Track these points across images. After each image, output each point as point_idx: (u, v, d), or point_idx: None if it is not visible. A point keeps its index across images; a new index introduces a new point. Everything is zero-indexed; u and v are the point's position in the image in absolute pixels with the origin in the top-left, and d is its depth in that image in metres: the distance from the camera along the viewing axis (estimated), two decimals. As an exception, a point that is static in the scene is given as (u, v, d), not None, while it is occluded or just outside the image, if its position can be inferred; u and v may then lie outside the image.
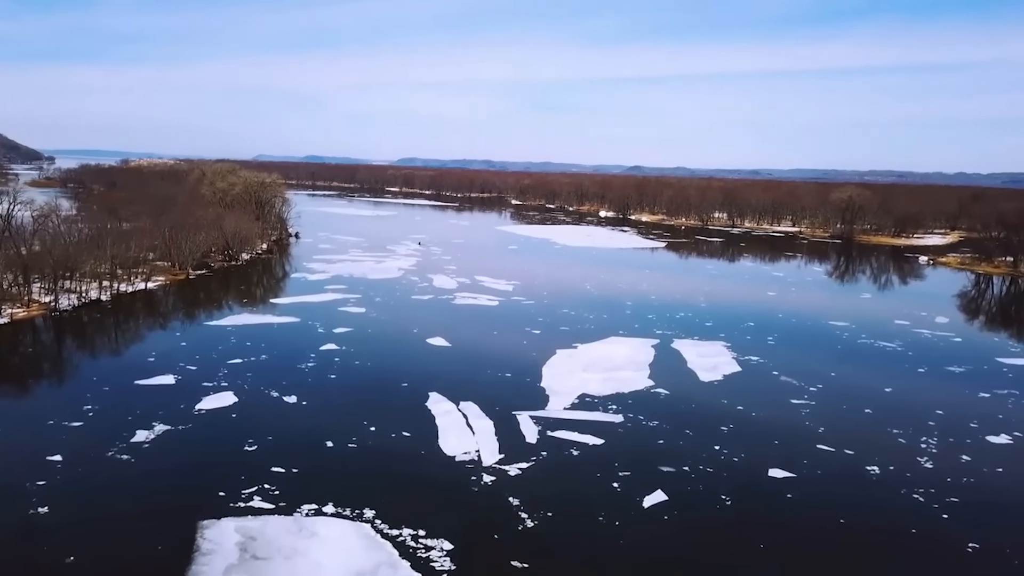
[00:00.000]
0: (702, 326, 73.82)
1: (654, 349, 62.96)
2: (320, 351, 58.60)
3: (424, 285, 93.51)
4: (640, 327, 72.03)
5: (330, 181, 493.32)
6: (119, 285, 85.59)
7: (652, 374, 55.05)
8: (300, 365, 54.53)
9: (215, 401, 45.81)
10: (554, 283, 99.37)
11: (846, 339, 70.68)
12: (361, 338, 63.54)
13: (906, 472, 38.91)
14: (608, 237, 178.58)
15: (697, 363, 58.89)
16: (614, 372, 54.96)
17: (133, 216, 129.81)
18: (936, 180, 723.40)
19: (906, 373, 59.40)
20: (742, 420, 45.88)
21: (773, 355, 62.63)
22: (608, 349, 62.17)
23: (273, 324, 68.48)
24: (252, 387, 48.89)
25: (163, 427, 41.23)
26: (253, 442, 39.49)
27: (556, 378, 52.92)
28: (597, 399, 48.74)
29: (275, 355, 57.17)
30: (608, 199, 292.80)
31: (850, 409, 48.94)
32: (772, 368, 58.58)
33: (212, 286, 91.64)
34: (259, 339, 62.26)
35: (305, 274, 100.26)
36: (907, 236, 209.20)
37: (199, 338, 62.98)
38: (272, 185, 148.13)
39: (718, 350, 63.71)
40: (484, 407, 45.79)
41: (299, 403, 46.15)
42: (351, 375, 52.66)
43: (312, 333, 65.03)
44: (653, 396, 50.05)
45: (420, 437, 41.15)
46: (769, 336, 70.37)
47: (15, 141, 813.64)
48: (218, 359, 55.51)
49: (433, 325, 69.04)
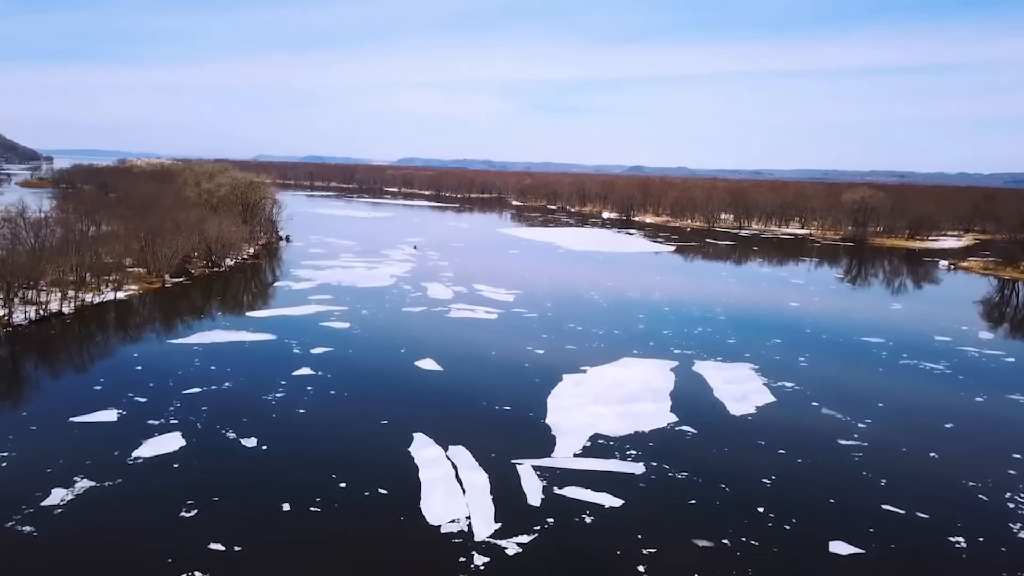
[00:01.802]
0: (724, 343, 66.31)
1: (673, 373, 55.45)
2: (292, 378, 51.14)
3: (417, 295, 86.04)
4: (655, 345, 64.56)
5: (328, 181, 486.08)
6: (85, 295, 78.38)
7: (674, 406, 47.55)
8: (267, 396, 47.08)
9: (157, 446, 38.38)
10: (558, 292, 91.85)
11: (886, 360, 63.14)
12: (341, 361, 56.09)
13: (1000, 546, 31.39)
14: (614, 240, 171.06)
15: (724, 391, 51.40)
16: (630, 404, 47.47)
17: (114, 219, 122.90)
18: (938, 180, 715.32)
19: (964, 404, 51.86)
20: (787, 470, 38.37)
21: (808, 380, 55.12)
22: (621, 374, 54.68)
23: (245, 343, 61.05)
24: (206, 426, 41.47)
25: (86, 484, 33.81)
26: (192, 505, 32.05)
27: (563, 412, 45.44)
28: (612, 441, 41.25)
29: (240, 383, 49.73)
30: (611, 200, 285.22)
31: (911, 453, 41.43)
32: (810, 397, 51.06)
33: (187, 296, 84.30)
34: (226, 361, 54.86)
35: (290, 282, 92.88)
36: (921, 239, 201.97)
37: (158, 360, 55.57)
38: (260, 186, 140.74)
39: (745, 374, 56.23)
40: (478, 453, 38.34)
41: (258, 448, 38.70)
42: (324, 409, 45.18)
43: (286, 354, 57.60)
44: (678, 437, 42.56)
45: (399, 497, 33.68)
46: (800, 356, 62.83)
47: (13, 141, 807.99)
48: (174, 387, 48.10)
49: (423, 343, 61.62)
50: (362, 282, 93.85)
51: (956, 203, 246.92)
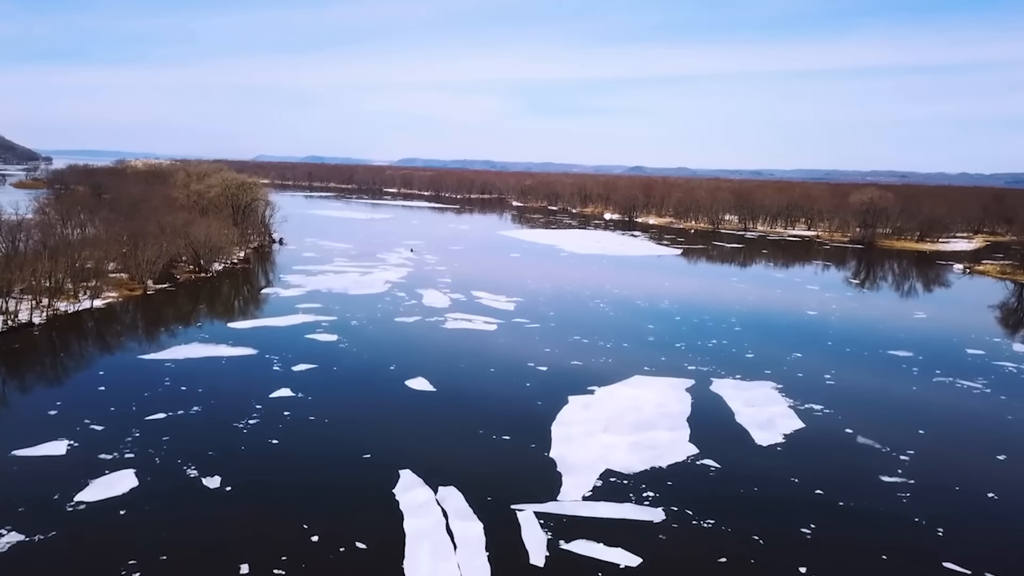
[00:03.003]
0: (742, 358, 61.32)
1: (689, 394, 50.47)
2: (269, 401, 46.20)
3: (411, 303, 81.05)
4: (668, 360, 59.57)
5: (327, 182, 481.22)
6: (60, 304, 73.60)
7: (693, 434, 42.58)
8: (239, 423, 42.15)
9: (105, 487, 33.46)
10: (562, 300, 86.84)
11: (918, 378, 58.11)
12: (324, 380, 51.13)
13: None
14: (618, 243, 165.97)
15: (746, 416, 46.42)
16: (644, 432, 42.50)
17: (96, 221, 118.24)
18: (939, 180, 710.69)
19: (1014, 430, 46.84)
20: (827, 516, 33.37)
21: (837, 401, 50.13)
22: (633, 395, 49.68)
23: (222, 359, 56.13)
24: (165, 461, 36.55)
25: (16, 537, 28.89)
26: (136, 565, 27.15)
27: (569, 443, 40.46)
28: (626, 480, 36.28)
29: (210, 407, 44.79)
30: (613, 201, 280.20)
31: (966, 494, 36.43)
32: (842, 423, 46.06)
33: (169, 304, 79.42)
34: (199, 380, 49.95)
35: (278, 289, 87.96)
36: (932, 241, 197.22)
37: (124, 379, 50.68)
38: (252, 186, 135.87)
39: (768, 395, 51.24)
40: (472, 496, 33.40)
41: (220, 490, 33.75)
42: (300, 441, 40.21)
43: (265, 372, 52.64)
44: (699, 473, 37.57)
45: (379, 555, 28.72)
46: (824, 372, 57.80)
47: (12, 141, 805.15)
48: (136, 412, 43.20)
49: (415, 359, 56.68)
50: (354, 289, 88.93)
51: (965, 204, 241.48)
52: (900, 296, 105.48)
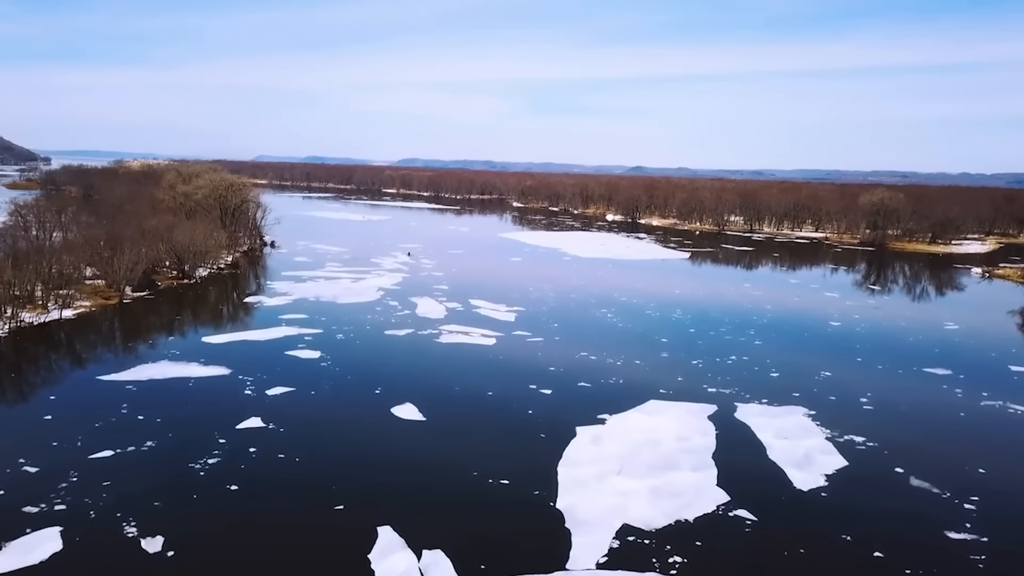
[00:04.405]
0: (766, 378, 55.57)
1: (712, 423, 44.71)
2: (235, 434, 40.48)
3: (404, 313, 75.30)
4: (685, 381, 53.81)
5: (326, 182, 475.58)
6: (26, 315, 68.03)
7: (722, 476, 36.82)
8: (196, 463, 36.41)
9: (22, 552, 27.73)
10: (566, 310, 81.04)
11: (963, 401, 52.29)
12: (299, 408, 45.38)
13: None
14: (623, 245, 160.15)
15: (780, 451, 40.66)
16: (665, 474, 36.74)
17: (74, 225, 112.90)
18: (940, 180, 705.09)
19: (1085, 467, 41.06)
20: (893, 588, 27.64)
21: (878, 432, 44.32)
22: (649, 425, 43.92)
23: (190, 380, 50.42)
24: (101, 515, 30.82)
25: None
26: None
27: (580, 489, 34.70)
28: (648, 538, 30.51)
29: (167, 442, 39.07)
30: (615, 201, 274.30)
31: (1052, 555, 30.69)
32: (889, 459, 40.29)
33: (144, 314, 73.85)
34: (159, 407, 44.27)
35: (264, 297, 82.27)
36: (944, 243, 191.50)
37: (76, 406, 45.01)
38: (242, 187, 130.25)
39: (801, 423, 45.48)
40: (463, 564, 27.66)
41: (162, 555, 28.02)
42: (264, 485, 34.47)
43: (235, 397, 46.92)
44: (733, 529, 31.78)
45: (345, 652, 23.04)
46: (859, 395, 51.99)
47: (10, 142, 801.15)
48: (81, 449, 37.54)
49: (404, 381, 50.94)
50: (344, 297, 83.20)
51: (975, 205, 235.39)
52: (924, 303, 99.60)
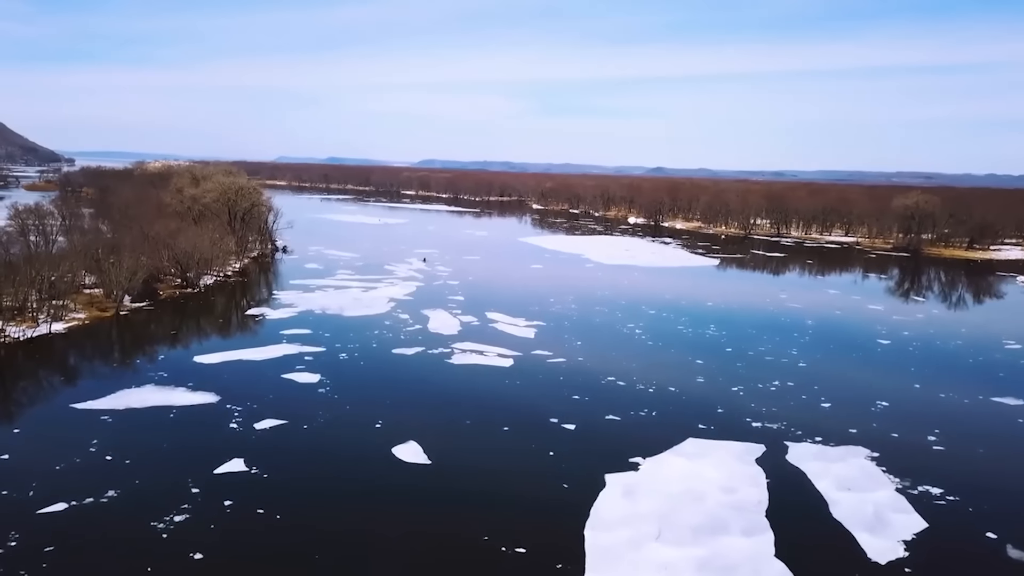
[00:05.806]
0: (816, 408, 49.34)
1: (762, 469, 38.64)
2: (211, 480, 35.12)
3: (415, 328, 69.81)
4: (726, 413, 47.72)
5: (345, 184, 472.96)
6: (12, 329, 63.56)
7: (779, 543, 30.78)
8: (160, 522, 31.03)
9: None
10: (590, 325, 75.05)
11: (1047, 438, 45.74)
12: (289, 446, 39.97)
13: None
14: (649, 251, 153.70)
15: (844, 507, 34.51)
16: (713, 540, 30.80)
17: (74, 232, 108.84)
18: (966, 182, 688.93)
19: None
20: None
21: (957, 482, 37.95)
22: (689, 471, 37.96)
23: (172, 409, 45.25)
24: (34, 595, 25.54)
25: None
26: None
27: (612, 563, 28.85)
28: (697, 637, 24.65)
29: (131, 491, 33.79)
30: (637, 203, 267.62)
31: None
32: (977, 520, 33.99)
33: (139, 328, 69.25)
34: (132, 444, 39.13)
35: (267, 309, 77.28)
36: (982, 248, 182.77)
37: (41, 442, 39.99)
38: (251, 191, 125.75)
39: (864, 469, 39.27)
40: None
41: (94, 659, 22.68)
42: (235, 554, 29.02)
43: (219, 433, 41.63)
44: (804, 623, 25.81)
45: None
46: (927, 433, 45.53)
47: (34, 143, 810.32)
48: (32, 500, 32.39)
49: (409, 413, 45.37)
50: (352, 309, 77.94)
51: (1013, 208, 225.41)
52: (975, 316, 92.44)
